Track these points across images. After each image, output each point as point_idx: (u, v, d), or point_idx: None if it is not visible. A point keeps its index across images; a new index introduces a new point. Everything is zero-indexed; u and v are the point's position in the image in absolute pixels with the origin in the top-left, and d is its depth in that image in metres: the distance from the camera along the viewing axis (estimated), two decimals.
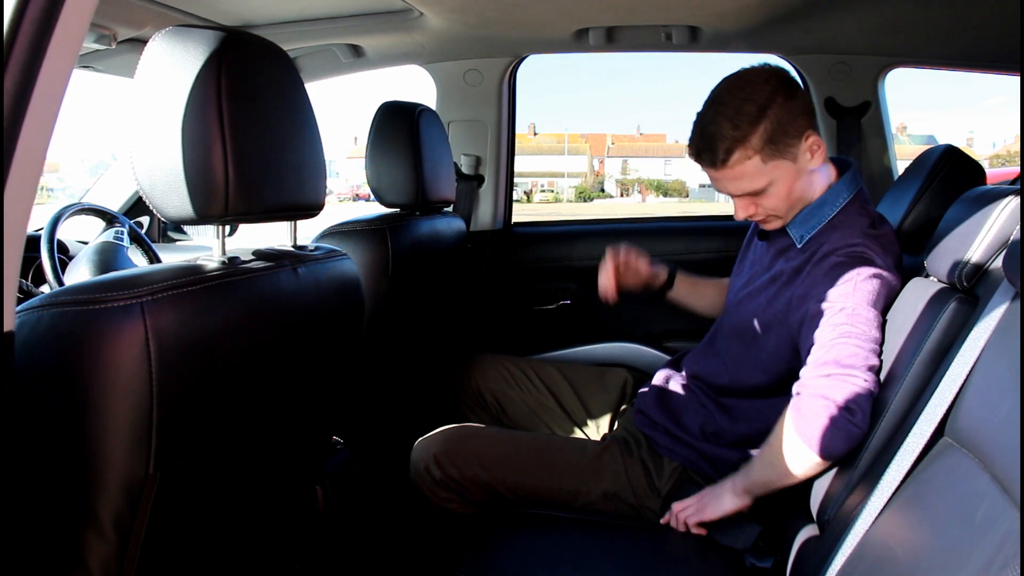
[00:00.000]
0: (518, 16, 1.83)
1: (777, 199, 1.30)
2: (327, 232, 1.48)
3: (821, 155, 1.30)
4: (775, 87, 1.25)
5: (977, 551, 0.67)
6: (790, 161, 1.27)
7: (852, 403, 1.13)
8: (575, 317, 2.25)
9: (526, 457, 1.43)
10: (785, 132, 1.24)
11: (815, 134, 1.28)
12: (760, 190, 1.28)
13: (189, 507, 0.87)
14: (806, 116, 1.27)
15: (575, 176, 45.47)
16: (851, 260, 1.23)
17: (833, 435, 1.12)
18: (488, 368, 1.76)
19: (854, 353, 1.16)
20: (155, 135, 0.81)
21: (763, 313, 1.35)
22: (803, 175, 1.29)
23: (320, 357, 1.07)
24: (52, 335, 0.73)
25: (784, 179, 1.28)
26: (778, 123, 1.24)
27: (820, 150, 1.29)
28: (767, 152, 1.25)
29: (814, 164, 1.29)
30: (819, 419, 1.14)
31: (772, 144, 1.24)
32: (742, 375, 1.40)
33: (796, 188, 1.30)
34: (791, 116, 1.24)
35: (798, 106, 1.26)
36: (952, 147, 1.46)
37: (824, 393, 1.15)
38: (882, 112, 2.11)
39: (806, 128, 1.27)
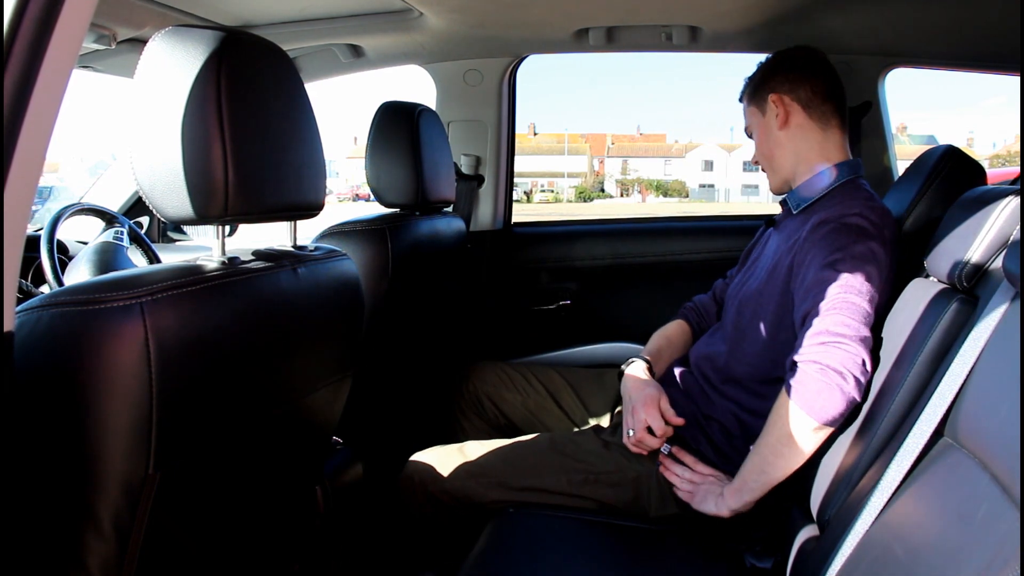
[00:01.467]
0: (518, 16, 1.83)
1: (758, 146, 1.51)
2: (327, 232, 1.48)
3: (785, 118, 1.45)
4: (784, 56, 1.49)
5: (977, 551, 0.67)
6: (760, 111, 1.49)
7: (843, 368, 1.16)
8: (575, 317, 2.25)
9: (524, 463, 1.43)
10: (760, 86, 1.49)
11: (784, 99, 1.45)
12: (747, 127, 1.54)
13: (189, 507, 0.87)
14: (785, 84, 1.45)
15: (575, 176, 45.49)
16: (846, 228, 1.29)
17: (827, 398, 1.16)
18: (486, 373, 1.76)
19: (845, 323, 1.19)
20: (155, 135, 0.81)
21: (764, 285, 1.40)
22: (770, 132, 1.47)
23: (319, 357, 1.07)
24: (52, 335, 0.73)
25: (756, 127, 1.51)
26: (760, 77, 1.50)
27: (784, 113, 1.45)
28: (749, 95, 1.52)
29: (777, 124, 1.46)
30: (813, 383, 1.17)
31: (752, 89, 1.51)
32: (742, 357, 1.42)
33: (765, 143, 1.49)
34: (768, 78, 1.48)
35: (779, 76, 1.46)
36: (952, 147, 1.46)
37: (816, 359, 1.18)
38: (882, 112, 2.11)
39: (775, 90, 1.46)
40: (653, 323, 2.12)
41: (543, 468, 1.42)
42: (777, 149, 1.47)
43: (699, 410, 1.44)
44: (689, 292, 2.13)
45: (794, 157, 1.46)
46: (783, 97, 1.45)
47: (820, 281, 1.24)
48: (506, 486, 1.41)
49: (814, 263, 1.28)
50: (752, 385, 1.41)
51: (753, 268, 1.50)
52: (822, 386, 1.17)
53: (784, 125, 1.45)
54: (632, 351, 2.16)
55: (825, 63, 1.48)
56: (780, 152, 1.47)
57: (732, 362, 1.43)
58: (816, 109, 1.44)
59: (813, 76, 1.45)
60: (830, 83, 1.46)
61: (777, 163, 1.48)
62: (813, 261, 1.28)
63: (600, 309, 2.25)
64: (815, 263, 1.27)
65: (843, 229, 1.28)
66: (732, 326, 1.47)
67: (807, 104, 1.44)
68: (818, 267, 1.26)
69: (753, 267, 1.51)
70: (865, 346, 1.19)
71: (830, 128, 1.45)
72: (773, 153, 1.48)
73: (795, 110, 1.44)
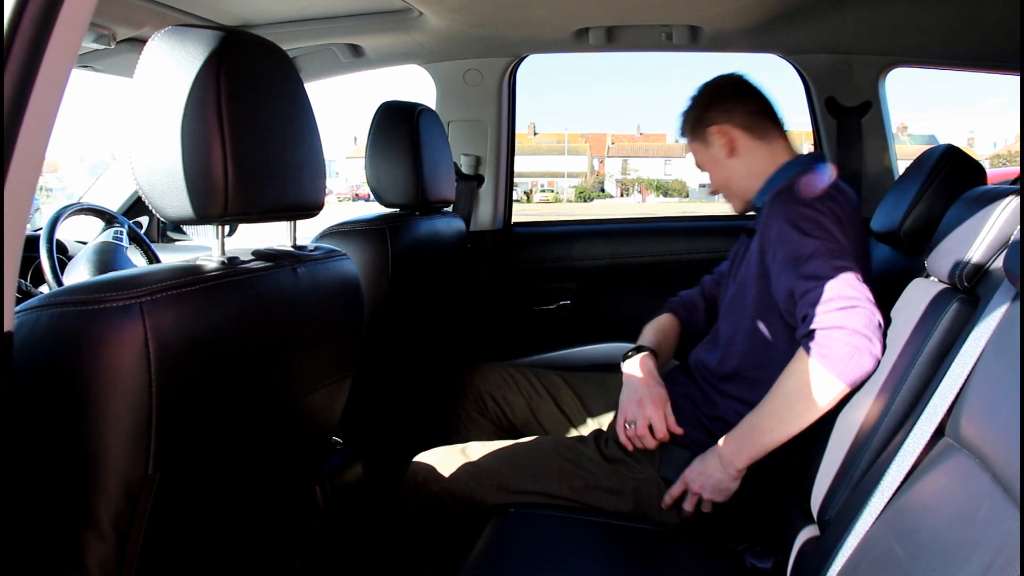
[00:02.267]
0: (518, 16, 1.83)
1: (713, 178, 1.56)
2: (327, 232, 1.48)
3: (730, 146, 1.50)
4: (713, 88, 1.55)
5: (978, 551, 0.67)
6: (704, 146, 1.54)
7: (867, 331, 1.19)
8: (575, 317, 2.25)
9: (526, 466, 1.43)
10: (697, 122, 1.54)
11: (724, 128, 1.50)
12: (697, 164, 1.59)
13: (188, 507, 0.87)
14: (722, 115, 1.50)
15: (575, 176, 45.49)
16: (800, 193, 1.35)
17: (858, 361, 1.19)
18: (489, 373, 1.76)
19: (853, 286, 1.22)
20: (154, 135, 0.81)
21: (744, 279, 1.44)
22: (719, 162, 1.52)
23: (319, 357, 1.07)
24: (51, 335, 0.73)
25: (705, 162, 1.56)
26: (695, 115, 1.55)
27: (728, 141, 1.50)
28: (690, 134, 1.56)
29: (724, 153, 1.51)
30: (842, 347, 1.19)
31: (690, 127, 1.56)
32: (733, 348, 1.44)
33: (718, 174, 1.54)
34: (703, 113, 1.53)
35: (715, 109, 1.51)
36: (952, 147, 1.46)
37: (840, 324, 1.20)
38: (883, 112, 2.11)
39: (713, 122, 1.51)
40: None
41: (545, 473, 1.42)
42: (732, 176, 1.53)
43: (703, 413, 1.44)
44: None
45: (749, 178, 1.51)
46: (723, 127, 1.50)
47: (799, 252, 1.28)
48: (508, 489, 1.41)
49: (778, 231, 1.32)
50: (748, 373, 1.41)
51: (736, 273, 1.52)
52: (851, 350, 1.19)
53: (732, 153, 1.51)
54: None
55: (750, 84, 1.54)
56: (735, 177, 1.53)
57: (726, 358, 1.45)
58: (756, 129, 1.50)
59: (744, 99, 1.52)
60: (760, 100, 1.53)
61: (735, 188, 1.54)
62: (778, 231, 1.32)
63: (600, 309, 2.25)
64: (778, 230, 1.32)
65: (797, 194, 1.35)
66: (723, 330, 1.49)
67: (747, 127, 1.50)
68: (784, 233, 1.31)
69: (736, 272, 1.52)
70: (875, 306, 1.22)
71: (774, 140, 1.51)
72: (729, 180, 1.54)
73: (738, 135, 1.50)
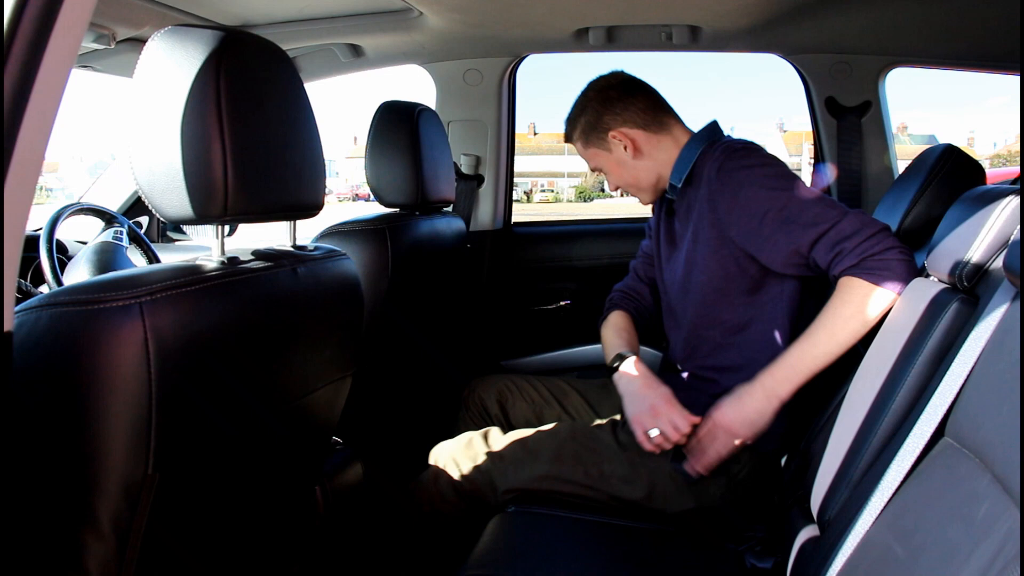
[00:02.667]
0: (518, 15, 1.83)
1: (615, 179, 1.56)
2: (327, 232, 1.48)
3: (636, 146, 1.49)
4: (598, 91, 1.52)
5: (978, 551, 0.67)
6: (604, 151, 1.53)
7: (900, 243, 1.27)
8: (575, 317, 2.25)
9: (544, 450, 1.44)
10: (592, 129, 1.52)
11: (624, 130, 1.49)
12: (595, 169, 1.58)
13: (188, 507, 0.87)
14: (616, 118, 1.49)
15: (575, 176, 45.46)
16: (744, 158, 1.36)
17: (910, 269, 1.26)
18: (490, 384, 1.75)
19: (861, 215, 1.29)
20: (154, 135, 0.81)
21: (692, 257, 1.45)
22: (625, 163, 1.52)
23: (319, 357, 1.07)
24: (51, 335, 0.73)
25: (606, 165, 1.54)
26: (587, 123, 1.52)
27: (632, 142, 1.49)
28: (582, 140, 1.55)
29: (630, 153, 1.50)
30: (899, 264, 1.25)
31: (583, 135, 1.54)
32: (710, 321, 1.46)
33: (625, 174, 1.53)
34: (596, 120, 1.51)
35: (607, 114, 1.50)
36: (952, 146, 1.46)
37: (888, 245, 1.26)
38: (883, 112, 2.10)
39: (610, 127, 1.50)
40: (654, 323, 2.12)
41: (561, 457, 1.42)
42: (640, 174, 1.53)
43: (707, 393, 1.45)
44: None
45: (657, 169, 1.51)
46: (621, 131, 1.50)
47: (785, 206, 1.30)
48: (524, 472, 1.41)
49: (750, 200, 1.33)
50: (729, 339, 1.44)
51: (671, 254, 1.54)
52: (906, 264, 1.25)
53: (637, 154, 1.50)
54: None
55: (635, 80, 1.54)
56: (644, 175, 1.53)
57: (701, 332, 1.47)
58: (652, 124, 1.50)
59: (633, 97, 1.51)
60: (649, 94, 1.52)
61: (644, 184, 1.54)
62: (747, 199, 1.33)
63: (600, 309, 2.25)
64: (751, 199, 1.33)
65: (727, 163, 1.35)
66: (679, 309, 1.52)
67: (645, 125, 1.50)
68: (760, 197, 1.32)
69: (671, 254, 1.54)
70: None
71: (672, 126, 1.51)
72: (638, 178, 1.54)
73: (638, 135, 1.50)
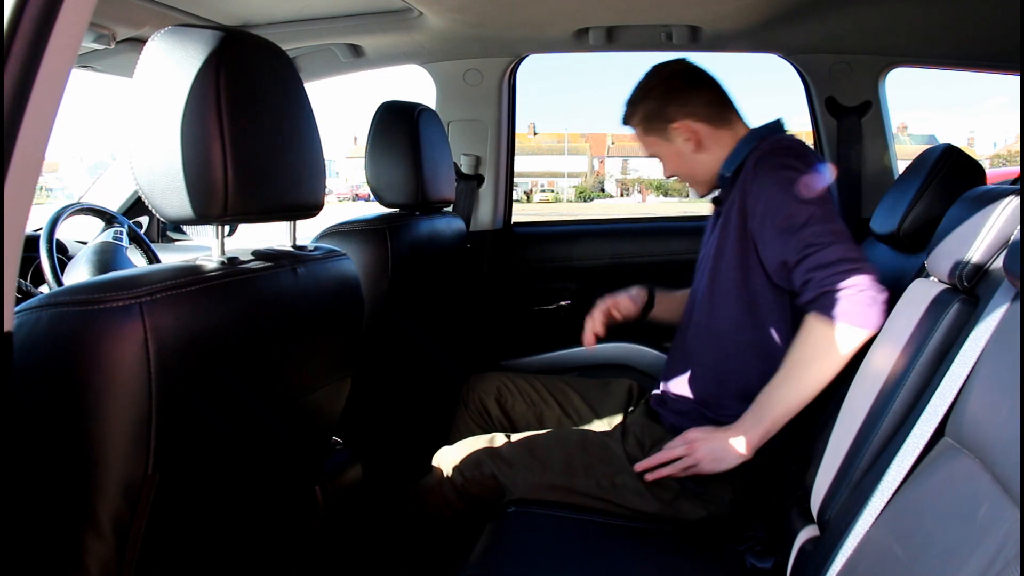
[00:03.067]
0: (518, 15, 1.83)
1: (671, 169, 1.54)
2: (327, 232, 1.48)
3: (698, 140, 1.47)
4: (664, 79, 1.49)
5: (978, 551, 0.67)
6: (664, 140, 1.50)
7: (873, 285, 1.24)
8: (575, 317, 2.24)
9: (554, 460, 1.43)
10: (656, 117, 1.49)
11: (690, 123, 1.46)
12: (651, 155, 1.55)
13: (188, 507, 0.87)
14: (683, 110, 1.47)
15: (575, 176, 45.48)
16: (773, 156, 1.35)
17: (875, 310, 1.24)
18: (489, 382, 1.75)
19: (851, 249, 1.27)
20: (154, 135, 0.81)
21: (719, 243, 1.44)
22: (684, 155, 1.50)
23: (319, 357, 1.07)
24: (51, 335, 0.73)
25: (664, 155, 1.52)
26: (652, 109, 1.49)
27: (695, 136, 1.47)
28: (643, 126, 1.52)
29: (691, 147, 1.48)
30: (861, 301, 1.23)
31: (645, 121, 1.51)
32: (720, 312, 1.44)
33: (682, 165, 1.52)
34: (662, 109, 1.48)
35: (674, 104, 1.47)
36: (952, 146, 1.46)
37: (851, 284, 1.24)
38: (883, 112, 2.10)
39: (675, 118, 1.47)
40: (653, 323, 2.12)
41: (572, 467, 1.42)
42: (698, 167, 1.51)
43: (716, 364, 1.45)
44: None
45: (715, 163, 1.49)
46: (684, 123, 1.47)
47: (789, 217, 1.29)
48: (534, 480, 1.41)
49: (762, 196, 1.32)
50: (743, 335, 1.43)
51: (708, 237, 1.54)
52: (868, 300, 1.23)
53: (699, 148, 1.48)
54: (632, 351, 2.16)
55: (701, 71, 1.51)
56: (701, 167, 1.50)
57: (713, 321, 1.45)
58: (717, 119, 1.48)
59: (701, 90, 1.48)
60: (715, 88, 1.50)
61: (700, 176, 1.52)
62: (761, 195, 1.33)
63: None
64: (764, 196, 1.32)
65: (769, 157, 1.35)
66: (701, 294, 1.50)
67: (709, 119, 1.48)
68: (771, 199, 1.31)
69: (708, 236, 1.54)
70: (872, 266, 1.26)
71: (735, 124, 1.50)
72: (694, 171, 1.51)
73: (701, 129, 1.47)
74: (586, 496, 1.40)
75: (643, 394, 1.71)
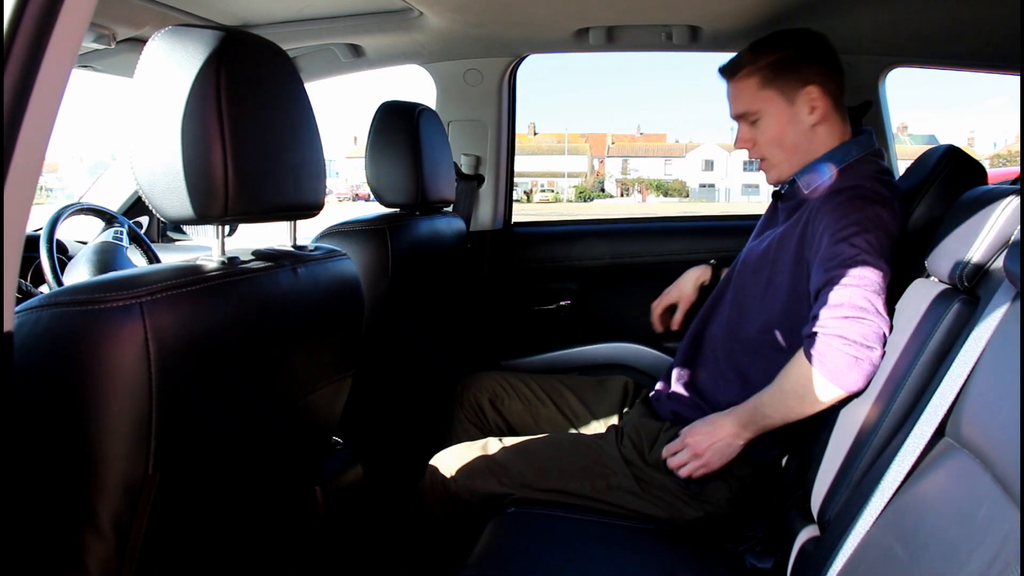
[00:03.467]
0: (518, 15, 1.83)
1: (768, 136, 1.40)
2: (327, 232, 1.48)
3: (820, 115, 1.38)
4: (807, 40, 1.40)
5: (978, 552, 0.67)
6: (784, 99, 1.38)
7: (867, 341, 1.20)
8: (575, 317, 2.25)
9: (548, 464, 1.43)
10: (789, 70, 1.37)
11: (820, 93, 1.36)
12: (751, 112, 1.40)
13: (188, 507, 0.87)
14: (819, 76, 1.37)
15: (575, 176, 45.50)
16: (860, 198, 1.28)
17: (856, 370, 1.20)
18: (485, 382, 1.75)
19: (866, 296, 1.21)
20: (154, 135, 0.81)
21: (769, 254, 1.40)
22: (797, 124, 1.38)
23: (319, 357, 1.07)
24: (51, 335, 0.73)
25: (774, 115, 1.38)
26: (786, 60, 1.37)
27: (819, 109, 1.37)
28: (765, 75, 1.38)
29: (812, 119, 1.38)
30: (840, 356, 1.20)
31: (772, 71, 1.37)
32: (746, 324, 1.43)
33: (788, 134, 1.39)
34: (800, 64, 1.37)
35: (814, 66, 1.37)
36: (953, 147, 1.46)
37: (842, 333, 1.20)
38: (883, 112, 2.10)
39: (811, 81, 1.36)
40: None
41: (567, 471, 1.41)
42: (802, 141, 1.39)
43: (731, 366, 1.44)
44: None
45: (814, 149, 1.39)
46: (819, 88, 1.36)
47: (836, 254, 1.25)
48: (530, 487, 1.41)
49: (827, 232, 1.28)
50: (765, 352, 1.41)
51: (762, 238, 1.48)
52: (850, 360, 1.19)
53: (819, 120, 1.37)
54: (632, 351, 2.16)
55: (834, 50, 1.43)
56: (804, 144, 1.39)
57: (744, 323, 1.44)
58: (840, 104, 1.41)
59: (839, 70, 1.40)
60: (842, 73, 1.42)
61: (793, 155, 1.40)
62: (827, 231, 1.28)
63: (600, 309, 2.25)
64: (828, 233, 1.28)
65: (857, 199, 1.29)
66: (735, 288, 1.48)
67: (836, 98, 1.38)
68: (832, 237, 1.27)
69: (762, 237, 1.48)
70: (884, 317, 1.22)
71: (845, 117, 1.44)
72: (797, 144, 1.39)
73: (827, 105, 1.38)
74: (582, 497, 1.40)
75: (639, 391, 1.71)
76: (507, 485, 1.41)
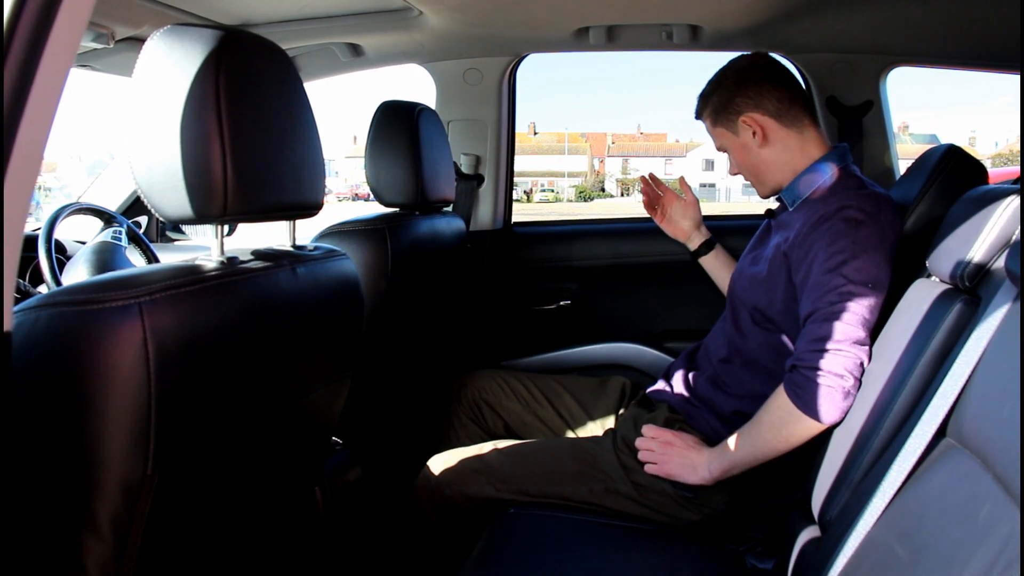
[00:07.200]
0: (518, 15, 1.83)
1: (737, 163, 1.51)
2: (326, 232, 1.48)
3: (765, 135, 1.45)
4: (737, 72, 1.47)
5: (979, 552, 0.67)
6: (731, 133, 1.48)
7: (845, 371, 1.22)
8: (575, 317, 2.24)
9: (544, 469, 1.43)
10: (724, 107, 1.47)
11: (759, 116, 1.44)
12: (720, 147, 1.54)
13: (187, 507, 0.86)
14: (751, 101, 1.44)
15: (575, 176, 45.51)
16: (845, 222, 1.30)
17: (831, 402, 1.22)
18: (483, 381, 1.75)
19: (845, 331, 1.23)
20: (153, 134, 0.81)
21: (760, 276, 1.42)
22: (750, 150, 1.47)
23: (319, 357, 1.07)
24: (50, 335, 0.73)
25: (732, 147, 1.50)
26: (720, 98, 1.48)
27: (761, 130, 1.45)
28: (712, 117, 1.50)
29: (758, 141, 1.45)
30: (816, 389, 1.22)
31: (714, 111, 1.49)
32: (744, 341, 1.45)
33: (747, 160, 1.49)
34: (732, 99, 1.46)
35: (746, 93, 1.44)
36: (954, 146, 1.45)
37: (817, 365, 1.23)
38: (884, 111, 2.10)
39: (744, 110, 1.45)
40: (653, 323, 2.11)
41: (563, 476, 1.42)
42: (761, 165, 1.48)
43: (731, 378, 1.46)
44: (689, 292, 2.12)
45: (780, 167, 1.46)
46: (753, 116, 1.44)
47: (822, 283, 1.26)
48: (527, 492, 1.41)
49: (816, 261, 1.29)
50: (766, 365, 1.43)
51: (756, 256, 1.50)
52: (825, 391, 1.21)
53: (764, 142, 1.45)
54: (632, 351, 2.16)
55: (779, 66, 1.47)
56: (764, 166, 1.47)
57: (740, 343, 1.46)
58: (787, 116, 1.44)
59: (775, 85, 1.45)
60: (791, 85, 1.46)
61: (763, 176, 1.49)
62: (815, 259, 1.29)
63: (600, 309, 2.25)
64: (817, 262, 1.29)
65: (842, 224, 1.30)
66: (732, 305, 1.50)
67: (779, 115, 1.44)
68: (820, 267, 1.28)
69: (756, 256, 1.50)
70: (863, 347, 1.23)
71: (805, 129, 1.45)
72: (758, 169, 1.49)
73: (769, 125, 1.44)
74: (579, 502, 1.40)
75: (636, 392, 1.71)
76: (502, 490, 1.41)
